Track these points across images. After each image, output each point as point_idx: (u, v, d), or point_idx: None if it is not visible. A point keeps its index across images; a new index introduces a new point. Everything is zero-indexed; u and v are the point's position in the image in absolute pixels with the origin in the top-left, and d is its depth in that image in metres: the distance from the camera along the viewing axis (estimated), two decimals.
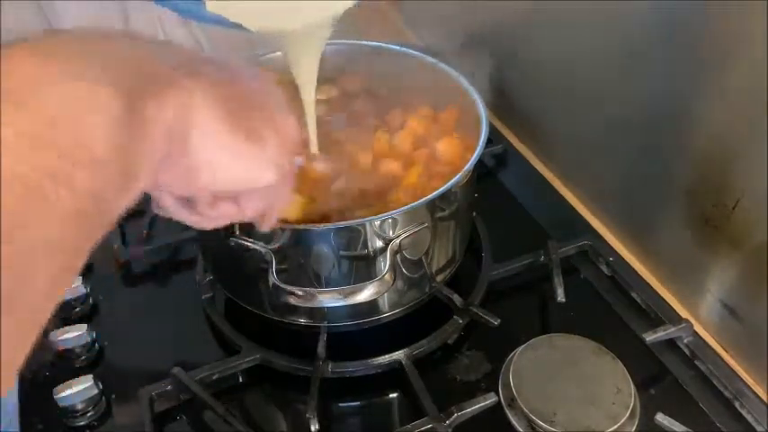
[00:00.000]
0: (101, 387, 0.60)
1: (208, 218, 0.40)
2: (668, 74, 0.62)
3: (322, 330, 0.61)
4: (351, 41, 0.74)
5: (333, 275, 0.57)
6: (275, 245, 0.54)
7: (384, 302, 0.62)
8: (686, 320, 0.62)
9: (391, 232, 0.55)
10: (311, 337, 0.61)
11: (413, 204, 0.55)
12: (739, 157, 0.57)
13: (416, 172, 0.62)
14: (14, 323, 0.24)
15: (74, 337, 0.63)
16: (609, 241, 0.73)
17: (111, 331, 0.66)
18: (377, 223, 0.55)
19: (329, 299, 0.55)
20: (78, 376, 0.59)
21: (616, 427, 0.54)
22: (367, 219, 0.55)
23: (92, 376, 0.59)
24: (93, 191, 0.26)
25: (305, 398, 0.57)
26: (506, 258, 0.69)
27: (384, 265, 0.55)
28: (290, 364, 0.61)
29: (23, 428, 0.58)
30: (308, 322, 0.62)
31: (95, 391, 0.59)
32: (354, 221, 0.55)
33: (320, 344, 0.61)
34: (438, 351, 0.63)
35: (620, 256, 0.70)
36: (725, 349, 0.62)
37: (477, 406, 0.57)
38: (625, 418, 0.54)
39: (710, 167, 0.60)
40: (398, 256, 0.56)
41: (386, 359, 0.61)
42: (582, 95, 0.74)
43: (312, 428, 0.56)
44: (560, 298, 0.64)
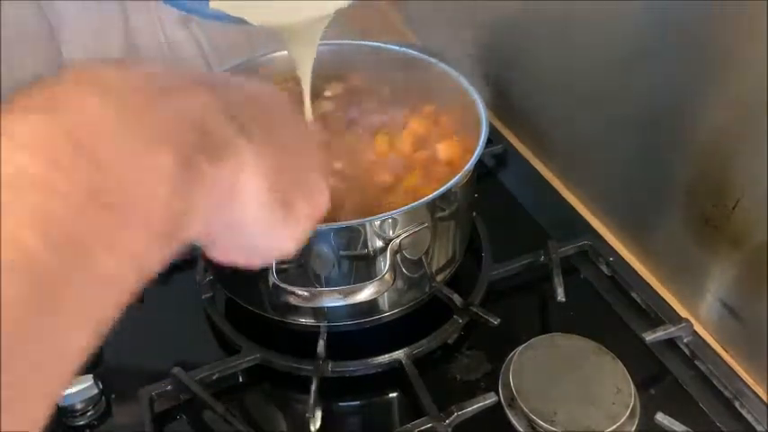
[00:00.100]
0: (101, 387, 0.60)
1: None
2: (668, 74, 0.62)
3: (322, 330, 0.61)
4: (351, 41, 0.74)
5: (333, 275, 0.57)
6: None
7: (384, 302, 0.62)
8: (686, 320, 0.62)
9: (391, 232, 0.55)
10: (311, 336, 0.61)
11: (413, 204, 0.55)
12: (739, 156, 0.57)
13: (414, 177, 0.61)
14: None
15: None
16: (609, 241, 0.73)
17: (110, 331, 0.66)
18: (377, 223, 0.55)
19: (329, 299, 0.56)
20: (78, 376, 0.59)
21: (616, 427, 0.54)
22: (367, 219, 0.55)
23: (91, 376, 0.59)
24: (137, 254, 0.25)
25: (305, 398, 0.57)
26: (506, 258, 0.69)
27: (384, 264, 0.55)
28: (290, 363, 0.61)
29: None
30: (308, 322, 0.62)
31: (95, 391, 0.59)
32: (354, 221, 0.55)
33: (320, 344, 0.61)
34: (438, 351, 0.63)
35: (620, 256, 0.70)
36: (725, 349, 0.62)
37: (477, 406, 0.57)
38: (625, 418, 0.54)
39: (710, 167, 0.60)
40: (398, 255, 0.56)
41: (386, 359, 0.61)
42: (582, 95, 0.74)
43: (312, 428, 0.56)
44: (560, 298, 0.64)
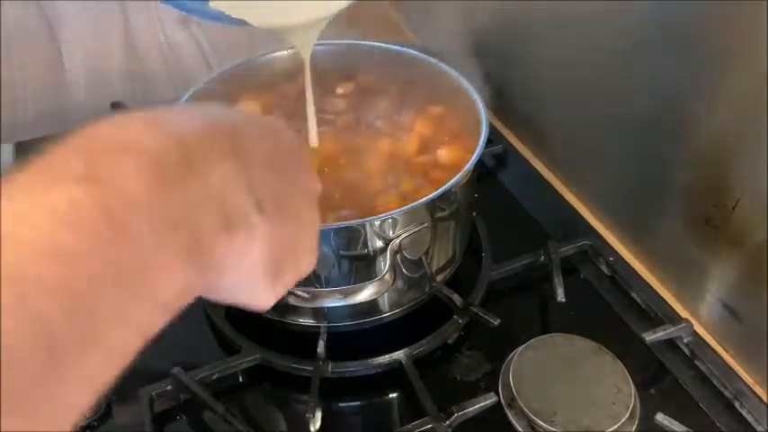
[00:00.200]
0: None
1: None
2: (668, 74, 0.62)
3: (322, 330, 0.61)
4: (351, 41, 0.74)
5: (333, 275, 0.57)
6: None
7: (384, 302, 0.62)
8: (686, 320, 0.62)
9: (391, 232, 0.55)
10: (311, 337, 0.61)
11: (413, 204, 0.55)
12: (739, 157, 0.57)
13: (407, 183, 0.61)
14: None
15: None
16: (609, 241, 0.73)
17: None
18: (377, 223, 0.55)
19: (329, 299, 0.56)
20: None
21: (616, 427, 0.54)
22: (367, 219, 0.55)
23: None
24: (145, 326, 0.26)
25: (305, 398, 0.57)
26: (506, 258, 0.69)
27: (384, 265, 0.55)
28: (290, 364, 0.61)
29: None
30: (308, 322, 0.62)
31: None
32: (354, 221, 0.55)
33: (320, 344, 0.61)
34: (438, 351, 0.63)
35: (620, 256, 0.70)
36: (725, 349, 0.62)
37: (477, 406, 0.56)
38: (625, 418, 0.54)
39: (710, 167, 0.60)
40: (398, 256, 0.56)
41: (386, 359, 0.61)
42: (582, 95, 0.74)
43: (312, 428, 0.56)
44: (560, 298, 0.64)
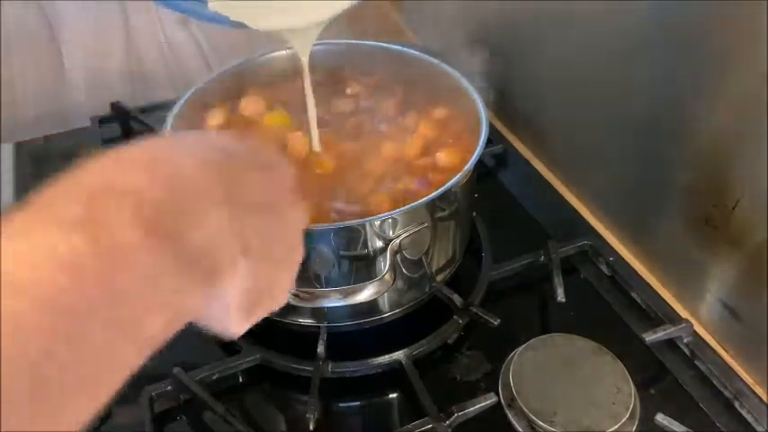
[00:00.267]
0: None
1: None
2: (669, 74, 0.62)
3: (322, 330, 0.61)
4: (351, 41, 0.74)
5: (333, 275, 0.57)
6: None
7: (384, 302, 0.62)
8: (686, 320, 0.62)
9: (391, 232, 0.55)
10: (311, 337, 0.61)
11: (413, 204, 0.55)
12: (739, 157, 0.57)
13: (407, 183, 0.61)
14: None
15: None
16: (609, 241, 0.73)
17: None
18: (377, 223, 0.55)
19: (329, 299, 0.56)
20: None
21: (616, 428, 0.54)
22: (367, 219, 0.55)
23: None
24: (126, 363, 0.29)
25: (305, 398, 0.57)
26: (506, 258, 0.69)
27: (384, 265, 0.55)
28: (290, 364, 0.61)
29: None
30: (308, 322, 0.62)
31: None
32: (354, 221, 0.55)
33: (320, 344, 0.61)
34: (438, 351, 0.63)
35: (620, 256, 0.70)
36: (725, 349, 0.62)
37: (477, 406, 0.56)
38: (625, 418, 0.54)
39: (710, 167, 0.60)
40: (398, 256, 0.56)
41: (386, 359, 0.61)
42: (582, 95, 0.74)
43: (312, 428, 0.56)
44: (560, 298, 0.64)
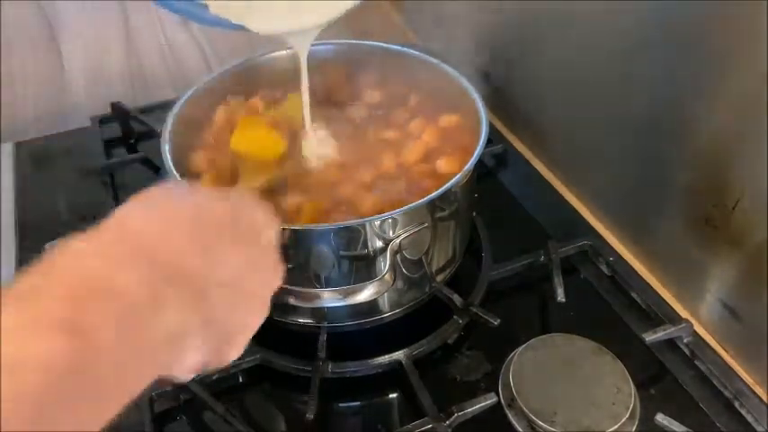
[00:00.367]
0: None
1: None
2: (668, 74, 0.62)
3: (322, 330, 0.61)
4: (351, 42, 0.74)
5: (333, 275, 0.57)
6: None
7: (384, 302, 0.62)
8: (686, 320, 0.62)
9: (391, 232, 0.55)
10: (311, 337, 0.61)
11: (413, 204, 0.55)
12: (739, 157, 0.57)
13: (398, 189, 0.61)
14: None
15: None
16: (609, 241, 0.73)
17: None
18: (377, 223, 0.55)
19: (329, 299, 0.56)
20: None
21: (616, 427, 0.54)
22: (367, 219, 0.55)
23: None
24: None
25: (305, 398, 0.57)
26: (506, 258, 0.69)
27: (384, 265, 0.55)
28: (290, 364, 0.61)
29: None
30: (308, 322, 0.62)
31: None
32: (354, 221, 0.55)
33: (320, 344, 0.61)
34: (438, 351, 0.63)
35: (620, 256, 0.70)
36: (725, 349, 0.62)
37: (477, 406, 0.57)
38: (625, 418, 0.54)
39: (710, 167, 0.60)
40: (398, 256, 0.56)
41: (386, 359, 0.61)
42: (582, 95, 0.74)
43: (312, 428, 0.56)
44: (560, 298, 0.64)
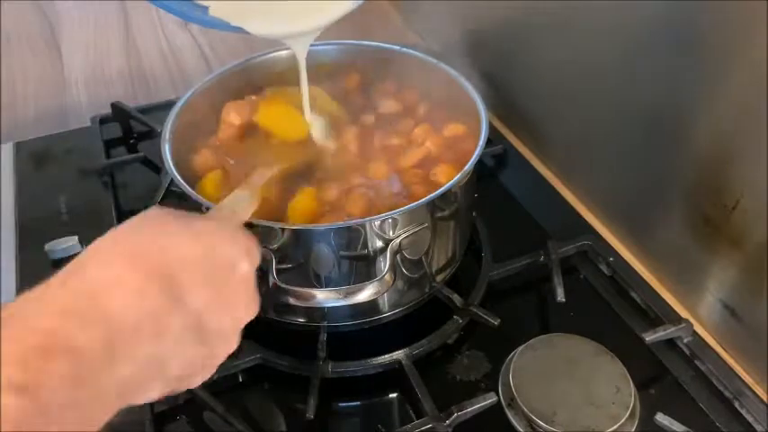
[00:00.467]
0: None
1: None
2: (668, 74, 0.62)
3: (322, 330, 0.61)
4: (350, 42, 0.74)
5: (333, 275, 0.57)
6: (275, 245, 0.54)
7: (384, 302, 0.62)
8: (686, 320, 0.62)
9: (391, 232, 0.55)
10: (311, 336, 0.61)
11: (413, 204, 0.55)
12: (739, 157, 0.57)
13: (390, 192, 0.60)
14: None
15: None
16: (609, 241, 0.73)
17: None
18: (377, 223, 0.55)
19: (329, 299, 0.55)
20: None
21: (616, 427, 0.54)
22: (367, 219, 0.55)
23: None
24: None
25: (305, 398, 0.57)
26: (506, 258, 0.69)
27: (384, 265, 0.55)
28: (290, 364, 0.61)
29: None
30: (308, 322, 0.62)
31: None
32: (354, 221, 0.55)
33: (320, 344, 0.61)
34: (438, 351, 0.63)
35: (620, 256, 0.70)
36: (725, 349, 0.62)
37: (477, 406, 0.56)
38: (625, 418, 0.54)
39: (710, 167, 0.60)
40: (398, 256, 0.56)
41: (386, 359, 0.61)
42: (582, 95, 0.74)
43: (312, 428, 0.56)
44: (560, 298, 0.64)
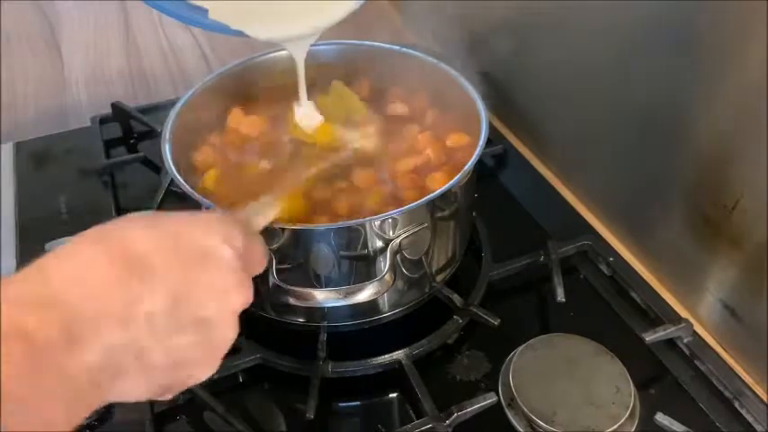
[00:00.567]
0: None
1: None
2: (668, 74, 0.62)
3: (322, 330, 0.61)
4: (351, 42, 0.74)
5: (333, 275, 0.57)
6: (275, 245, 0.54)
7: (384, 302, 0.62)
8: (686, 320, 0.62)
9: (391, 232, 0.55)
10: (311, 336, 0.61)
11: (413, 204, 0.55)
12: (739, 157, 0.57)
13: (376, 197, 0.60)
14: None
15: None
16: (609, 241, 0.73)
17: None
18: (377, 223, 0.55)
19: (329, 299, 0.55)
20: None
21: (616, 427, 0.54)
22: (367, 219, 0.55)
23: None
24: None
25: (305, 398, 0.57)
26: (506, 258, 0.69)
27: (384, 265, 0.55)
28: (290, 364, 0.61)
29: None
30: (308, 322, 0.62)
31: None
32: (354, 221, 0.55)
33: (320, 344, 0.61)
34: (438, 351, 0.63)
35: (620, 256, 0.70)
36: (725, 349, 0.62)
37: (477, 406, 0.56)
38: (625, 418, 0.54)
39: (710, 167, 0.60)
40: (398, 256, 0.56)
41: (386, 359, 0.61)
42: (583, 96, 0.74)
43: (312, 428, 0.56)
44: (560, 298, 0.64)
